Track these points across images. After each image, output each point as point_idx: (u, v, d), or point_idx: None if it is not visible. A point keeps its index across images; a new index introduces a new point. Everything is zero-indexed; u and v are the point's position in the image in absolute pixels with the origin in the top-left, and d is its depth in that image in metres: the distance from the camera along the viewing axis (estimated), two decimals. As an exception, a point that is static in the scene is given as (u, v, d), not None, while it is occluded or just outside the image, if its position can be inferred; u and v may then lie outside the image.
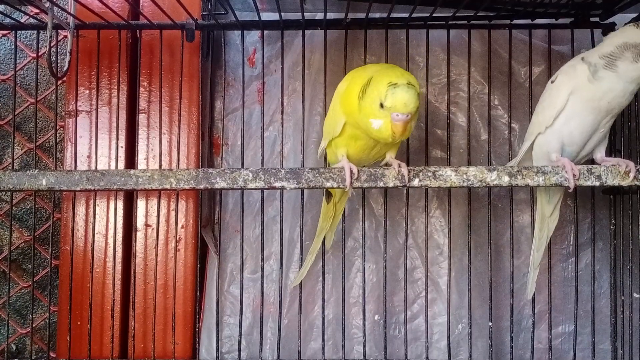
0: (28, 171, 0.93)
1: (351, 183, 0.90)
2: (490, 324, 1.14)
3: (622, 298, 1.13)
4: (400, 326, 1.22)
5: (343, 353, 1.14)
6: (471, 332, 1.14)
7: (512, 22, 1.15)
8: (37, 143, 1.27)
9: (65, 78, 1.18)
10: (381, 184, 0.91)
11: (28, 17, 1.24)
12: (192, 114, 1.22)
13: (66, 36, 1.14)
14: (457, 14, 1.10)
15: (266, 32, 1.20)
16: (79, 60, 1.20)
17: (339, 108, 0.91)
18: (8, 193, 1.27)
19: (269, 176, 0.91)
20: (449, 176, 0.91)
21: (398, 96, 0.79)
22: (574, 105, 0.92)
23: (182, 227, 1.20)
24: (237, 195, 1.22)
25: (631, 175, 0.90)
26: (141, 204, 1.20)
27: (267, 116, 1.25)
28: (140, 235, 1.20)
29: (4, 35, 1.33)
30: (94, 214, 1.18)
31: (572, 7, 1.09)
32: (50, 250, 1.24)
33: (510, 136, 1.19)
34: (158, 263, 1.19)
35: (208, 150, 1.26)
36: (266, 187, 0.92)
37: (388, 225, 1.18)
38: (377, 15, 1.15)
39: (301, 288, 1.16)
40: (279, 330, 1.16)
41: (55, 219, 1.21)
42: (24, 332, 1.28)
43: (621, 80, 0.89)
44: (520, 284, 1.17)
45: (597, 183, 0.91)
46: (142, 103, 1.21)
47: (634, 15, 1.09)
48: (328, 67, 1.16)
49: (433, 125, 1.24)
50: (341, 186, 0.91)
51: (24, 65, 1.32)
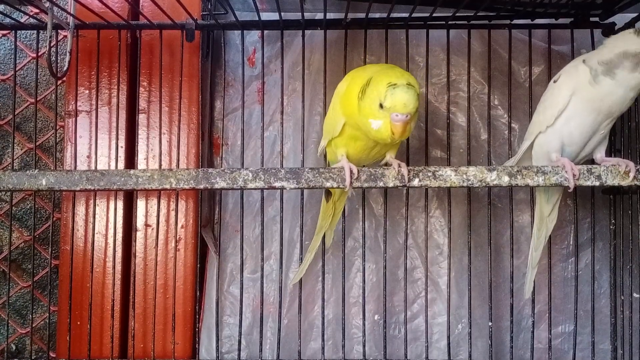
0: (28, 171, 0.93)
1: (351, 183, 0.90)
2: (490, 324, 1.14)
3: (622, 298, 1.13)
4: (400, 326, 1.22)
5: (343, 353, 1.14)
6: (471, 332, 1.14)
7: (512, 22, 1.15)
8: (37, 143, 1.27)
9: (65, 78, 1.18)
10: (381, 184, 0.91)
11: (28, 17, 1.23)
12: (192, 114, 1.22)
13: (66, 36, 1.14)
14: (457, 14, 1.10)
15: (266, 32, 1.20)
16: (79, 60, 1.20)
17: (339, 109, 0.91)
18: (8, 193, 1.27)
19: (269, 176, 0.91)
20: (449, 176, 0.91)
21: (397, 96, 0.79)
22: (575, 105, 0.92)
23: (182, 227, 1.20)
24: (237, 195, 1.22)
25: (631, 175, 0.90)
26: (141, 204, 1.20)
27: (267, 116, 1.25)
28: (140, 235, 1.20)
29: (4, 35, 1.33)
30: (94, 214, 1.18)
31: (572, 7, 1.09)
32: (50, 250, 1.24)
33: (510, 136, 1.20)
34: (158, 263, 1.19)
35: (208, 150, 1.26)
36: (266, 187, 0.92)
37: (388, 225, 1.18)
38: (377, 15, 1.15)
39: (301, 288, 1.16)
40: (279, 330, 1.16)
41: (55, 219, 1.21)
42: (24, 332, 1.28)
43: (620, 87, 0.88)
44: (520, 284, 1.16)
45: (597, 183, 0.91)
46: (142, 103, 1.21)
47: (634, 15, 1.09)
48: (328, 67, 1.16)
49: (433, 125, 1.24)
50: (341, 186, 0.91)
51: (24, 65, 1.32)
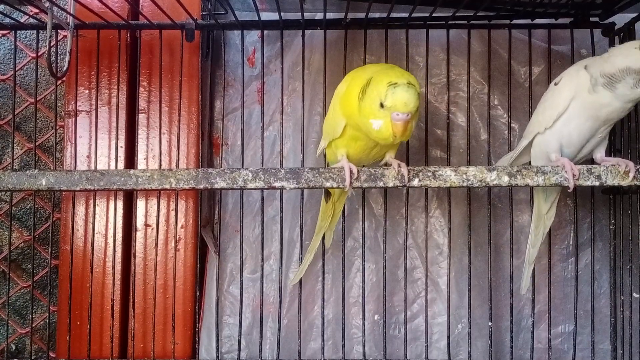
0: (28, 171, 0.93)
1: (351, 183, 0.90)
2: (490, 324, 1.14)
3: (622, 298, 1.13)
4: (400, 326, 1.22)
5: (343, 353, 1.14)
6: (471, 332, 1.14)
7: (512, 22, 1.15)
8: (37, 143, 1.27)
9: (65, 78, 1.18)
10: (381, 184, 0.91)
11: (28, 17, 1.23)
12: (192, 114, 1.22)
13: (66, 36, 1.14)
14: (457, 14, 1.10)
15: (266, 32, 1.20)
16: (79, 60, 1.20)
17: (339, 110, 0.90)
18: (8, 193, 1.27)
19: (269, 176, 0.91)
20: (449, 176, 0.90)
21: (398, 95, 0.79)
22: (575, 109, 0.92)
23: (182, 227, 1.20)
24: (237, 195, 1.22)
25: (631, 175, 0.90)
26: (141, 204, 1.20)
27: (267, 116, 1.25)
28: (140, 235, 1.20)
29: (4, 35, 1.33)
30: (94, 214, 1.18)
31: (572, 7, 1.09)
32: (49, 250, 1.24)
33: (510, 136, 1.20)
34: (158, 263, 1.19)
35: (208, 150, 1.26)
36: (266, 187, 0.92)
37: (388, 225, 1.18)
38: (377, 15, 1.15)
39: (301, 288, 1.16)
40: (279, 330, 1.16)
41: (55, 219, 1.21)
42: (24, 332, 1.28)
43: (619, 100, 0.88)
44: (520, 284, 1.16)
45: (597, 183, 0.91)
46: (142, 103, 1.21)
47: (634, 15, 1.09)
48: (328, 67, 1.16)
49: (433, 125, 1.24)
50: (341, 186, 0.91)
51: (24, 65, 1.32)
